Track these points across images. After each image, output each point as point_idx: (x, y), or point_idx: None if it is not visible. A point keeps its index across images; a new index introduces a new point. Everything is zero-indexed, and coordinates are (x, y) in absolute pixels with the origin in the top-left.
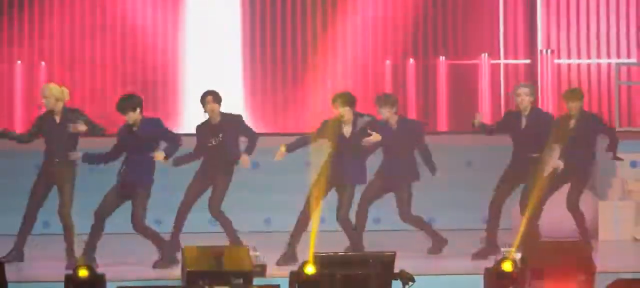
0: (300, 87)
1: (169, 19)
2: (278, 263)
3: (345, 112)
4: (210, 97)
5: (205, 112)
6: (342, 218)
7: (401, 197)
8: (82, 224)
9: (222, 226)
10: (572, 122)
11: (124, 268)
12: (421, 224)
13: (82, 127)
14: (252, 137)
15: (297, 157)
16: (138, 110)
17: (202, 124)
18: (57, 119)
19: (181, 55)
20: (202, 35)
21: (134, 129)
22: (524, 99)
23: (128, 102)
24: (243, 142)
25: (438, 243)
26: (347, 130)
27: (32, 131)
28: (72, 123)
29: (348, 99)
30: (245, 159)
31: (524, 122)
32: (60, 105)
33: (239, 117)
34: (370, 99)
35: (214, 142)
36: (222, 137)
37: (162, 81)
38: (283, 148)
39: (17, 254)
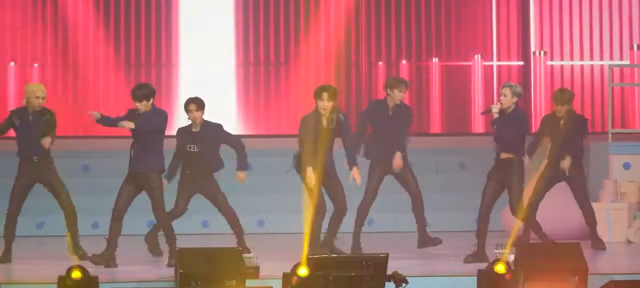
0: (294, 89)
1: (164, 20)
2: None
3: (331, 105)
4: (194, 106)
5: (188, 119)
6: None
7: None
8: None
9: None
10: (562, 123)
11: (117, 270)
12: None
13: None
14: (239, 146)
15: (291, 159)
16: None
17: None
18: (31, 117)
19: (175, 58)
20: (196, 37)
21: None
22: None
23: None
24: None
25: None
26: (326, 123)
27: (5, 125)
28: (41, 121)
29: (336, 93)
30: (240, 176)
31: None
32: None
33: (220, 126)
34: (364, 101)
35: (194, 149)
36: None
37: (157, 83)
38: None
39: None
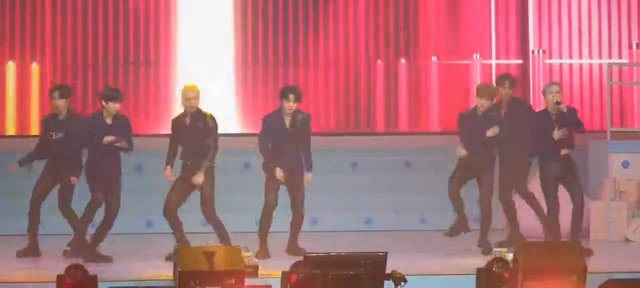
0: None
1: (163, 20)
2: None
3: (295, 106)
4: (57, 93)
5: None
6: (300, 209)
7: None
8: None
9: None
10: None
11: (116, 269)
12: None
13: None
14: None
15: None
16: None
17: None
18: (188, 120)
19: (173, 57)
20: (195, 36)
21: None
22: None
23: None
24: None
25: None
26: (288, 122)
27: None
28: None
29: (301, 94)
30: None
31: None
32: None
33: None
34: (362, 100)
35: (54, 137)
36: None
37: (155, 83)
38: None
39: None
